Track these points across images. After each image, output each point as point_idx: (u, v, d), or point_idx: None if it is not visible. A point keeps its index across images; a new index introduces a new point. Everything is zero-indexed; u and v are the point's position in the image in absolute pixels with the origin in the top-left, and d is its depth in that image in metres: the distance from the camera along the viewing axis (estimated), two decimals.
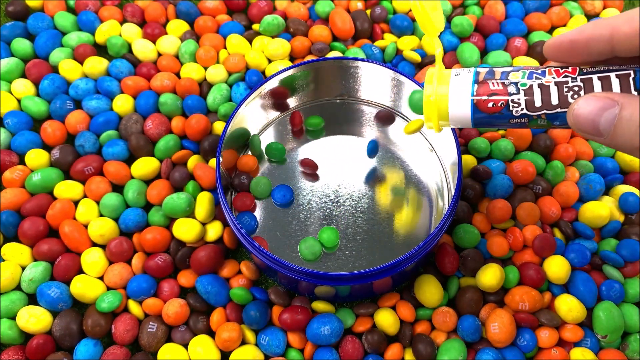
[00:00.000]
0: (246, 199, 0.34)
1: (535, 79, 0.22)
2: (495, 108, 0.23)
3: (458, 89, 0.24)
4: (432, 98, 0.24)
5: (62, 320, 0.31)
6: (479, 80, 0.23)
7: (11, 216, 0.33)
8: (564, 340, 0.31)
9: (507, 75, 0.23)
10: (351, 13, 0.42)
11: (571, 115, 0.21)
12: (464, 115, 0.24)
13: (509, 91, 0.23)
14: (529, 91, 0.22)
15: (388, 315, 0.31)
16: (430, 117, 0.25)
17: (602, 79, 0.21)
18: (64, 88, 0.39)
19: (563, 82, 0.22)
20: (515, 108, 0.22)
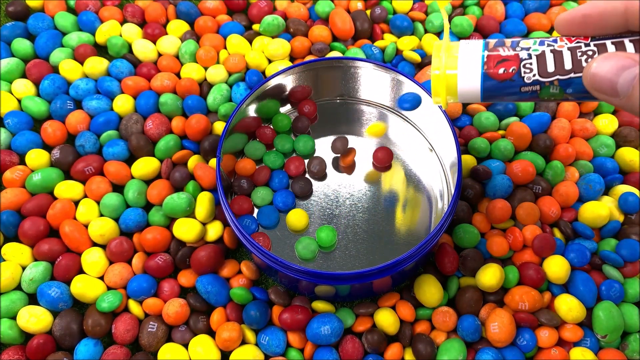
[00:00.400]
0: (244, 203, 0.34)
1: (547, 46, 0.22)
2: (506, 74, 0.22)
3: (467, 57, 0.23)
4: (439, 72, 0.23)
5: (63, 320, 0.31)
6: (489, 48, 0.23)
7: (11, 216, 0.34)
8: (564, 340, 0.31)
9: (518, 43, 0.22)
10: (351, 13, 0.42)
11: (588, 74, 0.20)
12: (474, 84, 0.23)
13: (521, 57, 0.22)
14: (541, 56, 0.22)
15: (388, 315, 0.31)
16: (437, 91, 0.24)
17: (616, 43, 0.21)
18: (65, 88, 0.39)
19: (576, 47, 0.21)
20: (527, 74, 0.22)
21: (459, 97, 0.24)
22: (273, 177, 0.36)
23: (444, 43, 0.24)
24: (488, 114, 0.37)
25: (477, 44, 0.23)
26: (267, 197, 0.35)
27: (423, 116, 0.36)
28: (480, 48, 0.23)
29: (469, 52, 0.23)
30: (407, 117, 0.38)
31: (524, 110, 0.38)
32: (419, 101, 0.35)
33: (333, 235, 0.33)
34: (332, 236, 0.33)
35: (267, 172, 0.35)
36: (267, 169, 0.36)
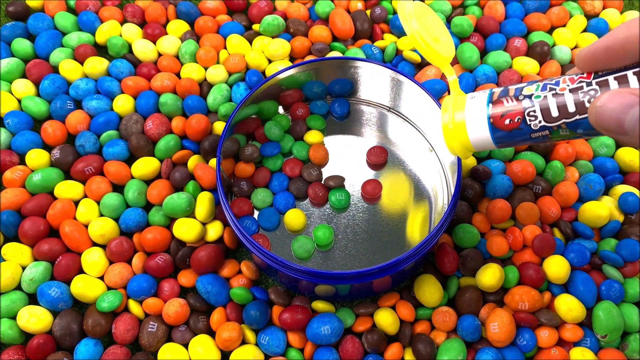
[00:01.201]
0: (244, 205, 0.34)
1: (549, 90, 0.22)
2: (512, 124, 0.23)
3: (474, 112, 0.24)
4: (450, 126, 0.24)
5: (63, 320, 0.31)
6: (494, 100, 0.23)
7: (12, 216, 0.34)
8: (564, 340, 0.31)
9: (520, 91, 0.23)
10: (351, 13, 0.42)
11: (593, 113, 0.20)
12: (484, 136, 0.24)
13: (524, 105, 0.22)
14: (543, 102, 0.22)
15: (388, 315, 0.31)
16: (451, 145, 0.25)
17: (619, 78, 0.20)
18: (65, 88, 0.39)
19: (578, 87, 0.21)
20: (533, 121, 0.22)
21: (474, 147, 0.25)
22: (273, 178, 0.36)
23: (452, 98, 0.25)
24: None
25: (482, 97, 0.24)
26: (267, 199, 0.35)
27: (423, 116, 0.36)
28: (485, 100, 0.24)
29: (474, 105, 0.24)
30: (407, 117, 0.38)
31: None
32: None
33: (330, 233, 0.33)
34: (328, 234, 0.33)
35: (267, 173, 0.36)
36: (266, 171, 0.36)
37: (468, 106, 0.24)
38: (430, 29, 0.26)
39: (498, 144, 0.24)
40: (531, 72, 0.40)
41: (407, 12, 0.25)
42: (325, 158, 0.36)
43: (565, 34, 0.41)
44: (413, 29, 0.25)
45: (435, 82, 0.38)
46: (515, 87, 0.23)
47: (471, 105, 0.24)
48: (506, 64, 0.40)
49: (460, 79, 0.39)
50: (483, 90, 0.24)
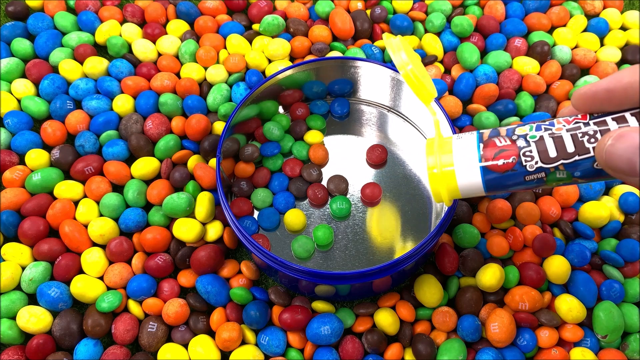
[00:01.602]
0: (244, 205, 0.34)
1: (544, 130, 0.21)
2: (506, 165, 0.21)
3: (463, 153, 0.22)
4: (437, 170, 0.22)
5: (62, 320, 0.31)
6: (484, 140, 0.22)
7: (11, 216, 0.33)
8: (564, 340, 0.31)
9: (513, 131, 0.21)
10: (351, 13, 0.42)
11: (602, 153, 0.19)
12: (475, 180, 0.22)
13: (519, 145, 0.21)
14: (540, 142, 0.20)
15: (388, 315, 0.31)
16: (437, 191, 0.23)
17: (617, 119, 0.20)
18: (64, 88, 0.39)
19: (575, 127, 0.20)
20: (529, 162, 0.21)
21: (461, 193, 0.22)
22: (272, 178, 0.36)
23: (436, 139, 0.23)
24: (488, 114, 0.37)
25: (470, 137, 0.22)
26: (267, 199, 0.35)
27: (423, 116, 0.36)
28: (475, 141, 0.22)
29: (463, 146, 0.22)
30: (407, 117, 0.38)
31: (524, 110, 0.38)
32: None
33: (330, 233, 0.33)
34: (328, 234, 0.33)
35: (267, 173, 0.35)
36: (266, 171, 0.36)
37: (456, 147, 0.22)
38: (415, 64, 0.25)
39: (488, 189, 0.22)
40: (531, 71, 0.40)
41: (395, 44, 0.24)
42: (325, 158, 0.36)
43: (565, 33, 0.41)
44: (404, 60, 0.24)
45: (436, 82, 0.38)
46: (507, 128, 0.22)
47: (460, 146, 0.22)
48: (506, 63, 0.40)
49: (461, 78, 0.39)
50: (470, 132, 0.23)
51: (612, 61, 0.40)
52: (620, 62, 0.41)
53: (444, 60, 0.41)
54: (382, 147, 0.37)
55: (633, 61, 0.40)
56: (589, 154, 0.20)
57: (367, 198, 0.35)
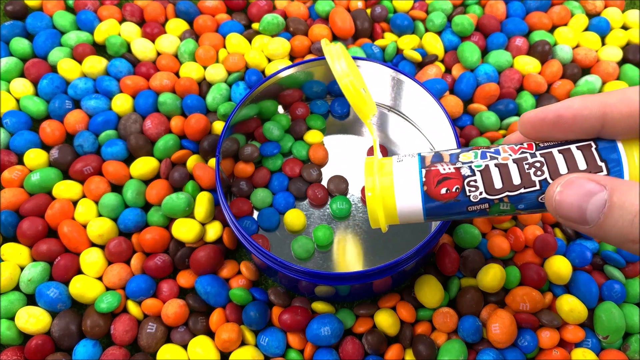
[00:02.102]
0: (244, 205, 0.34)
1: (490, 159, 0.20)
2: (449, 194, 0.20)
3: (404, 177, 0.21)
4: (377, 192, 0.21)
5: (61, 320, 0.31)
6: (426, 165, 0.20)
7: (10, 216, 0.33)
8: (565, 340, 0.31)
9: (457, 157, 0.20)
10: (351, 12, 0.42)
11: (552, 201, 0.18)
12: (415, 206, 0.21)
13: (463, 174, 0.20)
14: (485, 172, 0.20)
15: (388, 315, 0.31)
16: (374, 214, 0.21)
17: (563, 152, 0.19)
18: (63, 88, 0.38)
19: (522, 158, 0.19)
20: (473, 192, 0.20)
21: (399, 219, 0.21)
22: (272, 178, 0.35)
23: (375, 160, 0.21)
24: (489, 113, 0.37)
25: (412, 161, 0.21)
26: (266, 199, 0.35)
27: (424, 116, 0.36)
28: (417, 165, 0.21)
29: (404, 170, 0.21)
30: (407, 117, 0.38)
31: (525, 110, 0.38)
32: None
33: (330, 234, 0.33)
34: (328, 235, 0.33)
35: (267, 173, 0.35)
36: (266, 171, 0.35)
37: (397, 171, 0.21)
38: (355, 76, 0.24)
39: (428, 217, 0.21)
40: (532, 71, 0.39)
41: (334, 52, 0.23)
42: (325, 158, 0.36)
43: (566, 33, 0.41)
44: (344, 70, 0.22)
45: (436, 82, 0.38)
46: (449, 153, 0.21)
47: (400, 170, 0.21)
48: (507, 63, 0.40)
49: (461, 78, 0.39)
50: (410, 154, 0.22)
51: (613, 61, 0.40)
52: (621, 62, 0.41)
53: (444, 59, 0.41)
54: (382, 147, 0.36)
55: (634, 60, 0.40)
56: (534, 187, 0.19)
57: None
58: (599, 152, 0.19)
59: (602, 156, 0.19)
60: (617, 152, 0.19)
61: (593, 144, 0.19)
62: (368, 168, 0.22)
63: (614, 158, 0.19)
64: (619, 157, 0.19)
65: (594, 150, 0.19)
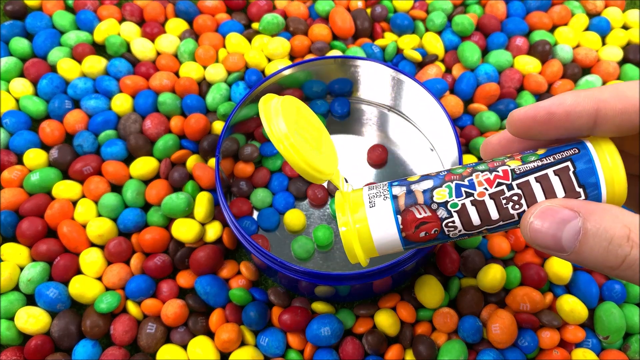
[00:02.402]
0: (243, 205, 0.34)
1: (465, 196, 0.19)
2: (428, 236, 0.20)
3: (380, 226, 0.20)
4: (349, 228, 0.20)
5: (61, 320, 0.31)
6: (401, 210, 0.20)
7: (9, 216, 0.33)
8: (566, 341, 0.31)
9: (431, 197, 0.19)
10: (351, 12, 0.42)
11: (527, 230, 0.18)
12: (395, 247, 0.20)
13: (440, 216, 0.19)
14: (462, 211, 0.19)
15: (388, 316, 0.31)
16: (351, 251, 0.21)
17: (540, 179, 0.18)
18: (63, 87, 0.38)
19: (498, 192, 0.19)
20: (451, 231, 0.19)
21: (378, 252, 0.21)
22: (272, 178, 0.35)
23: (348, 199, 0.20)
24: (489, 113, 0.37)
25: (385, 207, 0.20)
26: (266, 199, 0.35)
27: (424, 116, 0.36)
28: (391, 211, 0.20)
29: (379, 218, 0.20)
30: (407, 117, 0.38)
31: None
32: None
33: (330, 234, 0.33)
34: (328, 235, 0.33)
35: (267, 173, 0.35)
36: (266, 171, 0.35)
37: (371, 218, 0.20)
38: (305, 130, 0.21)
39: (407, 249, 0.21)
40: (533, 71, 0.39)
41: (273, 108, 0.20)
42: None
43: (567, 32, 0.41)
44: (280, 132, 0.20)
45: (437, 82, 0.38)
46: (422, 190, 0.20)
47: (375, 217, 0.20)
48: (508, 63, 0.39)
49: (461, 78, 0.39)
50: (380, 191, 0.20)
51: (614, 60, 0.40)
52: (622, 62, 0.41)
53: (444, 59, 0.41)
54: (382, 147, 0.36)
55: (634, 60, 0.40)
56: (513, 219, 0.19)
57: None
58: (576, 175, 0.18)
59: (580, 181, 0.18)
60: (596, 174, 0.18)
61: (571, 166, 0.18)
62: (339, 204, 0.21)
63: (591, 182, 0.18)
64: (597, 181, 0.18)
65: (572, 174, 0.18)
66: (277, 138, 0.20)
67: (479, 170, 0.20)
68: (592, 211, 0.17)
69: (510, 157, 0.20)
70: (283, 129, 0.20)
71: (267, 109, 0.21)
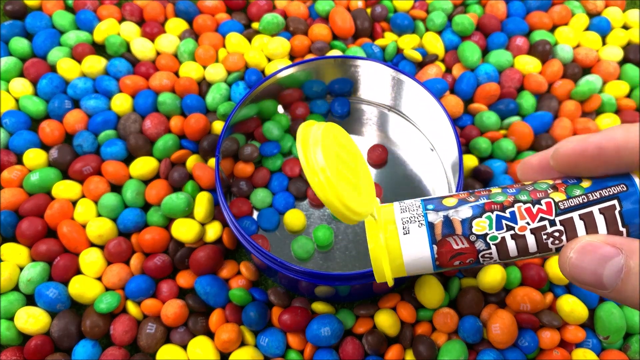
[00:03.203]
0: (243, 205, 0.34)
1: (506, 229, 0.19)
2: (461, 264, 0.19)
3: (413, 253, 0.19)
4: (382, 245, 0.19)
5: (61, 321, 0.30)
6: (437, 240, 0.19)
7: (9, 216, 0.33)
8: (566, 341, 0.31)
9: (470, 227, 0.19)
10: (351, 12, 0.42)
11: (566, 265, 0.17)
12: (424, 271, 0.20)
13: (478, 248, 0.19)
14: (501, 244, 0.19)
15: (388, 316, 0.31)
16: (381, 271, 0.20)
17: (584, 217, 0.18)
18: (63, 87, 0.38)
19: (540, 227, 0.18)
20: (486, 260, 0.19)
21: (407, 274, 0.20)
22: (272, 178, 0.35)
23: (378, 218, 0.20)
24: (490, 113, 0.37)
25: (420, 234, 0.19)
26: (266, 199, 0.34)
27: (424, 116, 0.36)
28: (427, 240, 0.19)
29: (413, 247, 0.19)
30: (407, 117, 0.38)
31: (526, 109, 0.38)
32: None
33: (330, 234, 0.33)
34: (328, 235, 0.33)
35: (266, 173, 0.35)
36: (266, 171, 0.35)
37: (405, 246, 0.19)
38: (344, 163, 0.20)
39: (436, 272, 0.20)
40: (533, 70, 0.39)
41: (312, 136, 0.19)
42: None
43: (567, 32, 0.41)
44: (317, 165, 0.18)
45: (437, 82, 0.38)
46: (461, 220, 0.19)
47: (408, 245, 0.19)
48: (508, 62, 0.39)
49: (462, 78, 0.39)
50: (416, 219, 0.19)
51: (614, 60, 0.40)
52: (622, 61, 0.41)
53: (445, 59, 0.41)
54: (382, 147, 0.36)
55: (634, 60, 0.40)
56: (550, 252, 0.19)
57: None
58: (622, 215, 0.18)
59: (625, 220, 0.18)
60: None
61: (617, 205, 0.18)
62: (370, 227, 0.20)
63: (636, 222, 0.18)
64: None
65: (617, 213, 0.18)
66: (312, 170, 0.18)
67: (521, 200, 0.19)
68: (635, 249, 0.16)
69: (554, 188, 0.19)
70: (320, 162, 0.18)
71: (305, 136, 0.19)
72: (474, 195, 0.20)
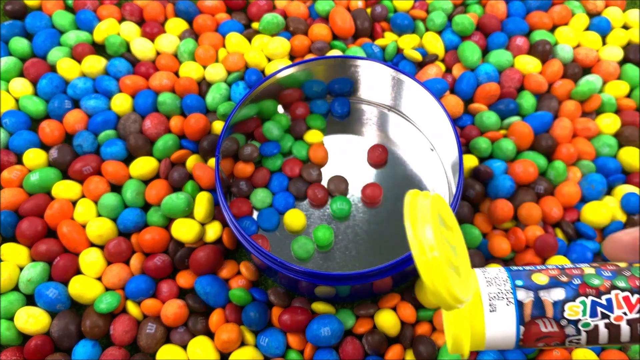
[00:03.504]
0: (243, 205, 0.34)
1: (600, 317, 0.17)
2: (544, 346, 0.18)
3: (498, 332, 0.18)
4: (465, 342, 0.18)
5: (61, 321, 0.30)
6: (526, 321, 0.18)
7: (9, 216, 0.33)
8: None
9: (562, 310, 0.18)
10: (351, 12, 0.42)
11: None
12: (504, 347, 0.19)
13: (567, 333, 0.18)
14: (593, 332, 0.18)
15: (389, 316, 0.31)
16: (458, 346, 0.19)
17: None
18: (62, 87, 0.38)
19: (637, 319, 0.17)
20: (572, 344, 0.18)
21: (485, 349, 0.19)
22: (272, 178, 0.35)
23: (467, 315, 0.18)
24: (490, 113, 0.37)
25: (508, 313, 0.18)
26: (266, 199, 0.34)
27: (424, 116, 0.36)
28: (514, 320, 0.18)
29: (499, 321, 0.18)
30: (407, 117, 0.38)
31: (526, 109, 0.38)
32: None
33: (330, 234, 0.33)
34: (328, 235, 0.33)
35: (266, 173, 0.35)
36: (266, 171, 0.35)
37: (490, 323, 0.18)
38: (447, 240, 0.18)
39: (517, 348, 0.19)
40: (533, 70, 0.39)
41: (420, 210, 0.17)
42: (325, 158, 0.36)
43: (567, 32, 0.41)
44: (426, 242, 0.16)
45: (437, 82, 0.38)
46: (553, 302, 0.18)
47: (495, 323, 0.18)
48: (508, 62, 0.39)
49: (462, 78, 0.39)
50: (505, 296, 0.18)
51: (614, 60, 0.40)
52: (622, 61, 0.41)
53: (445, 59, 0.41)
54: (382, 147, 0.36)
55: (634, 60, 0.40)
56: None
57: (368, 198, 0.35)
58: None
59: None
60: None
61: None
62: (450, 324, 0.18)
63: None
64: None
65: None
66: (421, 248, 0.16)
67: (619, 287, 0.18)
68: None
69: None
70: (430, 239, 0.16)
71: (413, 209, 0.17)
72: (565, 273, 0.19)
